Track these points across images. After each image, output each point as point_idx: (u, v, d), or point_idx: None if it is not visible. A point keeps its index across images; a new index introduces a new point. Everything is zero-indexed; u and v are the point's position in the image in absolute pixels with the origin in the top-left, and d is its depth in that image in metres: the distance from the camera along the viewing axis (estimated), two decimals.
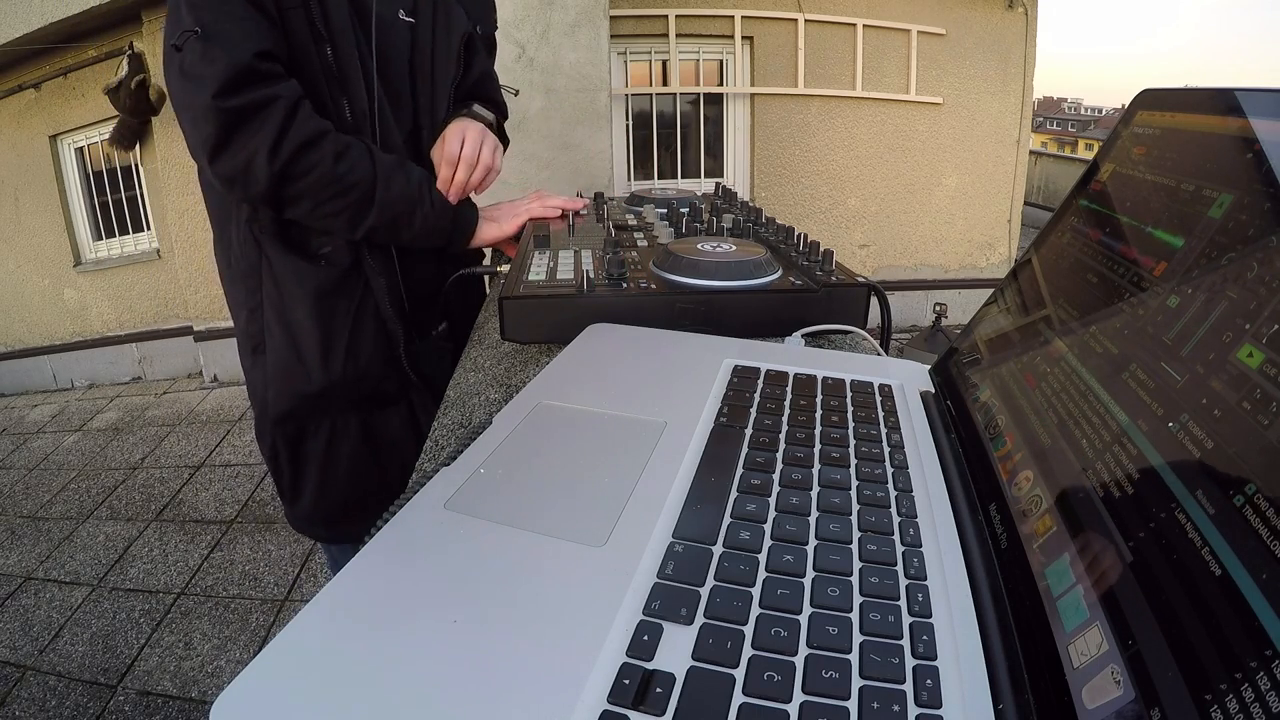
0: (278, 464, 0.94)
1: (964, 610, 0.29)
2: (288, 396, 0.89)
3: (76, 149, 4.23)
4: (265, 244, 0.84)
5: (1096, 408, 0.32)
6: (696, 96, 4.02)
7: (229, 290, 0.90)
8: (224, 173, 0.74)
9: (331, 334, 0.86)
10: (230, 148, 0.72)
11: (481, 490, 0.36)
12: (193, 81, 0.70)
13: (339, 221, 0.80)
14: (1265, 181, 0.28)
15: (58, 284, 4.37)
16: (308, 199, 0.78)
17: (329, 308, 0.85)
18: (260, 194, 0.76)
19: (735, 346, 0.57)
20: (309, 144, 0.75)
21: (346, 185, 0.78)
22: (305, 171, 0.75)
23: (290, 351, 0.87)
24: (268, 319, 0.87)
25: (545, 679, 0.24)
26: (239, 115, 0.71)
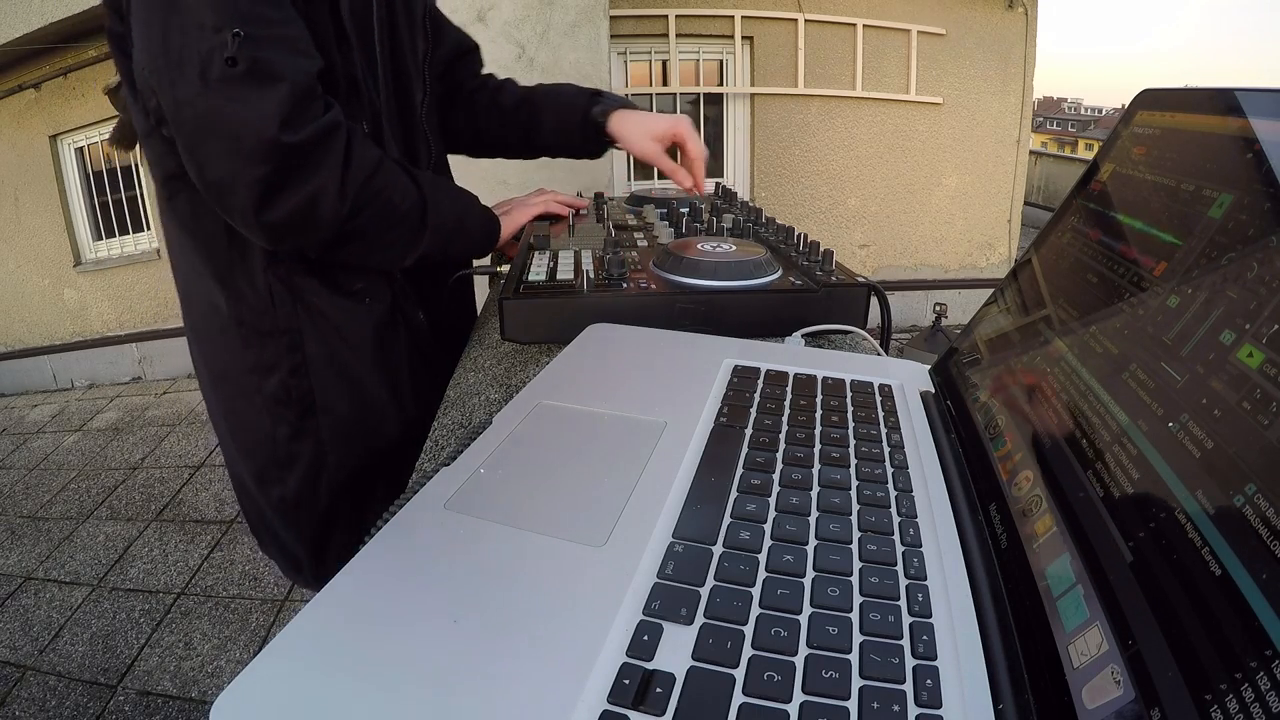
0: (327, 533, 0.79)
1: (964, 610, 0.29)
2: (358, 455, 0.76)
3: (76, 149, 4.23)
4: (303, 289, 0.70)
5: (1096, 408, 0.32)
6: (696, 96, 4.02)
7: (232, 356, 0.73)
8: (278, 220, 0.60)
9: (397, 378, 0.77)
10: (289, 188, 0.59)
11: (481, 490, 0.36)
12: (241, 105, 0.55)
13: (392, 254, 0.70)
14: (1265, 181, 0.28)
15: (58, 284, 4.37)
16: (362, 238, 0.66)
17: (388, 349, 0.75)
18: (319, 241, 0.64)
19: (735, 346, 0.57)
20: (372, 175, 0.64)
21: (401, 214, 0.68)
22: (363, 207, 0.64)
23: (357, 405, 0.75)
24: (318, 376, 0.72)
25: (545, 679, 0.24)
26: (304, 151, 0.58)
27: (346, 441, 0.75)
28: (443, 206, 0.73)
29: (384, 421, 0.76)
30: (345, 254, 0.68)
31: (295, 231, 0.62)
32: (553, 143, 0.98)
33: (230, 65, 0.54)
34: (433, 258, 0.74)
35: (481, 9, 1.95)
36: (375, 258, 0.71)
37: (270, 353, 0.71)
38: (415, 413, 0.79)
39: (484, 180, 0.91)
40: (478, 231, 0.81)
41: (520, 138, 0.99)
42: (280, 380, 0.72)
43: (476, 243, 0.81)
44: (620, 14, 3.53)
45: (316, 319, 0.71)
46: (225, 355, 0.73)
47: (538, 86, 0.99)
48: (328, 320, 0.72)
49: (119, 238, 4.35)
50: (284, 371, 0.72)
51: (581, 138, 0.94)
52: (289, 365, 0.72)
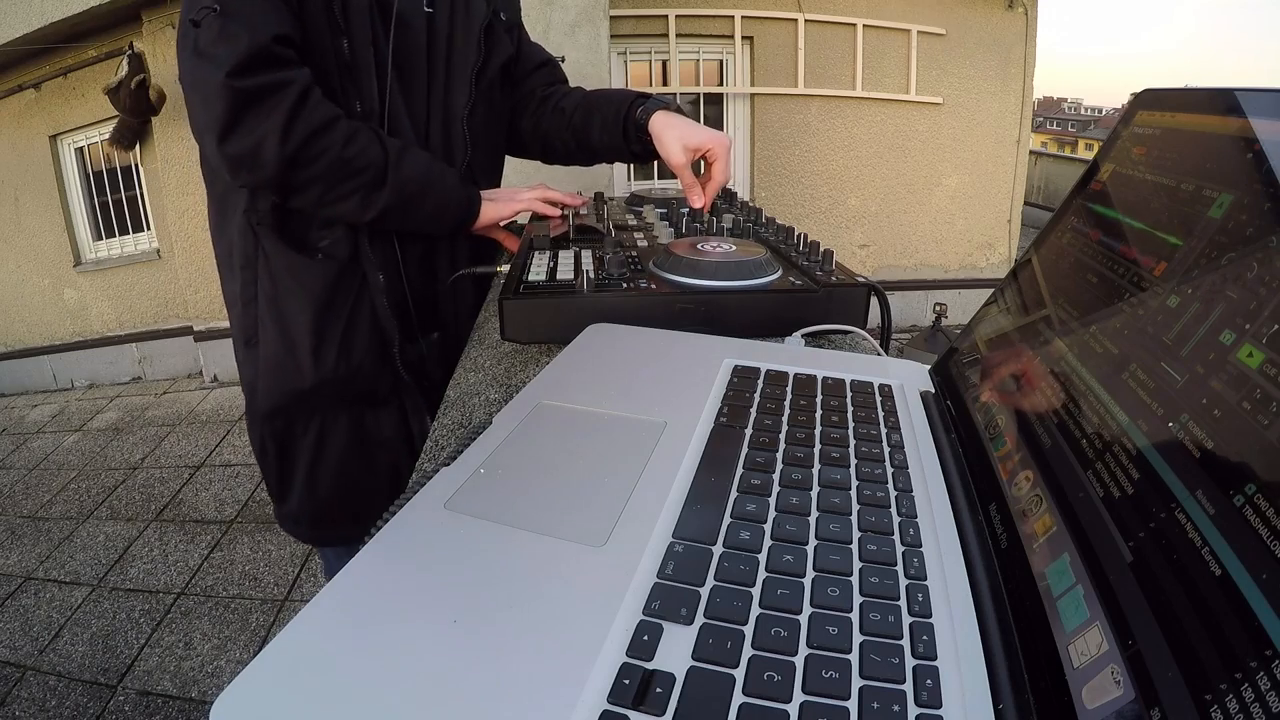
0: (266, 460, 0.93)
1: (964, 610, 0.29)
2: (278, 392, 0.88)
3: (76, 149, 4.23)
4: (262, 236, 0.83)
5: (1096, 408, 0.32)
6: (696, 96, 4.01)
7: (225, 282, 0.89)
8: (232, 153, 0.73)
9: (325, 330, 0.86)
10: (240, 129, 0.71)
11: (481, 490, 0.36)
12: (207, 59, 0.69)
13: (350, 204, 0.79)
14: (1265, 181, 0.28)
15: (58, 284, 4.37)
16: (318, 184, 0.77)
17: (324, 303, 0.85)
18: (268, 178, 0.75)
19: (735, 346, 0.57)
20: (320, 130, 0.74)
21: (357, 168, 0.77)
22: (315, 157, 0.75)
23: (283, 346, 0.86)
24: (262, 312, 0.86)
25: (545, 679, 0.24)
26: (251, 96, 0.70)
27: (270, 374, 0.88)
28: (406, 170, 0.80)
29: (300, 368, 0.86)
30: (303, 200, 0.79)
31: (246, 168, 0.74)
32: (601, 145, 1.00)
33: (194, 26, 0.69)
34: (393, 218, 0.82)
35: None
36: (333, 208, 0.80)
37: (239, 285, 0.86)
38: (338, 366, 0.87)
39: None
40: (449, 201, 0.86)
41: (575, 140, 1.02)
42: (242, 308, 0.87)
43: (448, 213, 0.87)
44: (620, 14, 3.53)
45: (270, 263, 0.84)
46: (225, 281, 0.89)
47: (596, 90, 1.03)
48: (275, 264, 0.83)
49: (119, 238, 4.34)
50: (242, 303, 0.87)
51: (624, 139, 0.96)
52: (244, 298, 0.86)
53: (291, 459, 0.92)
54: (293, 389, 0.87)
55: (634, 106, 0.94)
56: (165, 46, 3.34)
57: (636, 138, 0.95)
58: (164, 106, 3.44)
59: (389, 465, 0.94)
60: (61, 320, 4.43)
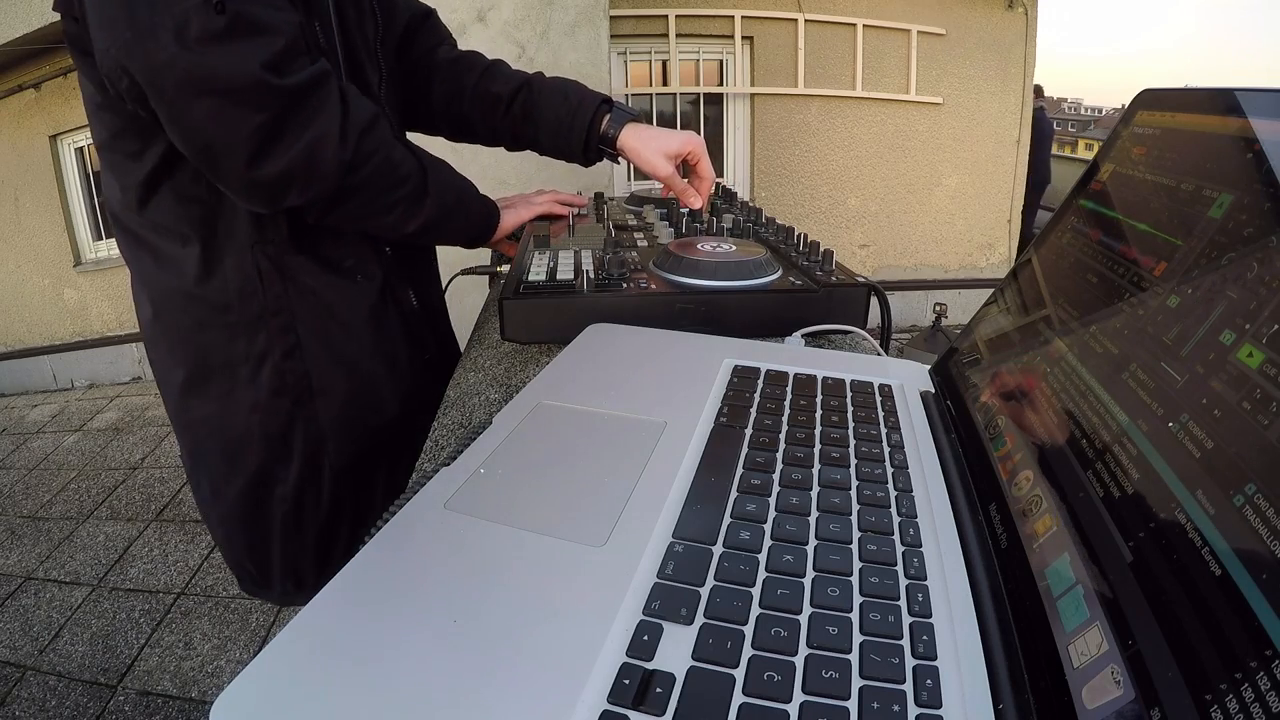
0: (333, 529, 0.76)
1: (964, 610, 0.29)
2: (358, 438, 0.74)
3: (76, 149, 4.23)
4: (292, 267, 0.67)
5: (1096, 408, 0.32)
6: (696, 96, 4.01)
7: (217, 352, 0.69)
8: (278, 171, 0.58)
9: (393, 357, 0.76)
10: (286, 137, 0.57)
11: (481, 490, 0.36)
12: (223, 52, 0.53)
13: (392, 216, 0.68)
14: (1265, 181, 0.28)
15: (58, 284, 4.37)
16: (364, 193, 0.64)
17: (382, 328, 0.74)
18: (325, 192, 0.61)
19: (735, 346, 0.57)
20: (371, 125, 0.63)
21: (403, 174, 0.67)
22: (366, 159, 0.63)
23: (355, 387, 0.73)
24: (312, 358, 0.70)
25: (545, 679, 0.24)
26: (298, 96, 0.57)
27: (345, 425, 0.73)
28: (443, 177, 0.73)
29: (383, 403, 0.75)
30: (346, 213, 0.65)
31: (296, 184, 0.59)
32: (548, 144, 0.90)
33: (219, 12, 0.52)
34: (432, 232, 0.72)
35: (481, 9, 1.95)
36: (378, 219, 0.68)
37: (262, 339, 0.68)
38: (412, 395, 0.78)
39: (483, 178, 0.90)
40: (477, 212, 0.80)
41: (511, 130, 0.91)
42: (274, 366, 0.69)
43: (474, 225, 0.80)
44: (620, 14, 3.53)
45: (308, 298, 0.69)
46: (211, 353, 0.69)
47: (536, 76, 0.91)
48: (319, 299, 0.69)
49: None
50: (277, 357, 0.69)
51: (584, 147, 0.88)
52: (282, 350, 0.69)
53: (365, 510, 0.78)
54: (374, 428, 0.75)
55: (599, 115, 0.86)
56: None
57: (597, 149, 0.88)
58: None
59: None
60: (61, 320, 4.43)
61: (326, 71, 0.60)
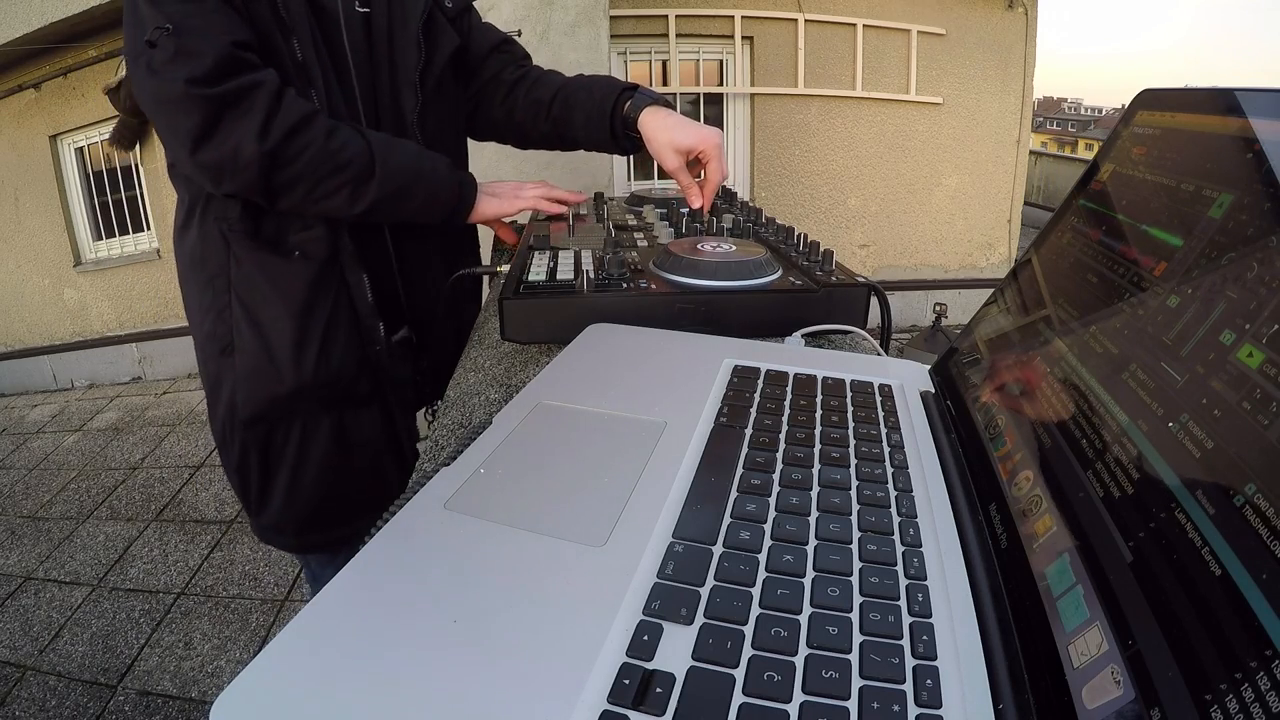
0: (245, 470, 0.90)
1: (964, 610, 0.29)
2: (259, 399, 0.85)
3: (76, 149, 4.23)
4: (233, 242, 0.81)
5: (1096, 408, 0.32)
6: (696, 96, 4.01)
7: (192, 293, 0.86)
8: (209, 161, 0.71)
9: (305, 332, 0.83)
10: (215, 136, 0.70)
11: (481, 490, 0.36)
12: (166, 75, 0.68)
13: (338, 199, 0.77)
14: (1265, 181, 0.28)
15: (58, 284, 4.37)
16: (303, 182, 0.74)
17: (303, 305, 0.82)
18: (250, 181, 0.72)
19: (735, 346, 0.57)
20: (299, 126, 0.72)
21: (343, 161, 0.75)
22: (297, 154, 0.72)
23: (262, 351, 0.83)
24: (237, 319, 0.83)
25: (545, 679, 0.24)
26: (223, 101, 0.69)
27: (250, 382, 0.85)
28: (394, 159, 0.78)
29: (282, 369, 0.84)
30: (290, 200, 0.76)
31: (227, 173, 0.72)
32: (584, 138, 0.97)
33: (152, 47, 0.68)
34: (386, 211, 0.80)
35: (481, 9, 1.95)
36: (322, 205, 0.77)
37: (210, 295, 0.83)
38: (319, 369, 0.85)
39: (482, 178, 0.90)
40: (440, 190, 0.83)
41: (555, 131, 0.99)
42: (215, 317, 0.84)
43: (440, 204, 0.84)
44: (620, 14, 3.53)
45: (243, 266, 0.81)
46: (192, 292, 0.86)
47: (576, 77, 0.99)
48: (249, 269, 0.81)
49: (119, 238, 4.34)
50: (215, 312, 0.83)
51: (611, 133, 0.93)
52: (217, 307, 0.83)
53: (273, 466, 0.89)
54: (273, 394, 0.85)
55: (620, 101, 0.92)
56: None
57: (624, 133, 0.93)
58: None
59: (371, 467, 0.92)
60: (61, 320, 4.43)
61: (258, 82, 0.71)
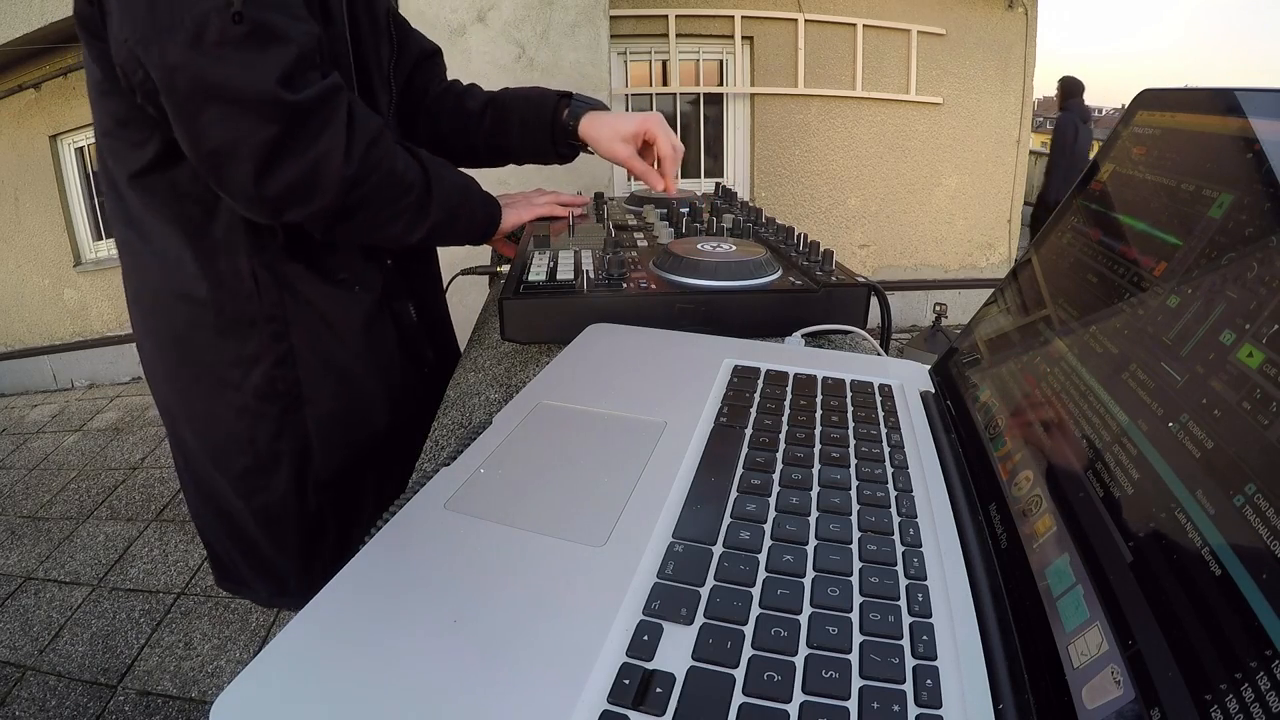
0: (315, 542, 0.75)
1: (964, 610, 0.29)
2: (343, 451, 0.73)
3: (76, 149, 4.23)
4: (288, 275, 0.68)
5: (1096, 408, 0.32)
6: (696, 96, 4.02)
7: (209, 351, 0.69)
8: (283, 184, 0.58)
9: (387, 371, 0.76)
10: (294, 152, 0.57)
11: (481, 490, 0.36)
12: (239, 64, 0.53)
13: (398, 225, 0.67)
14: (1265, 181, 0.28)
15: (58, 284, 4.37)
16: (369, 207, 0.64)
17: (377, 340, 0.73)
18: (325, 207, 0.61)
19: (735, 346, 0.57)
20: (375, 140, 0.62)
21: (407, 183, 0.66)
22: (369, 173, 0.62)
23: (344, 398, 0.72)
24: (305, 367, 0.70)
25: (545, 678, 0.24)
26: (305, 111, 0.57)
27: (333, 437, 0.72)
28: (446, 180, 0.72)
29: (372, 415, 0.74)
30: (351, 226, 0.65)
31: (299, 199, 0.59)
32: (520, 147, 0.93)
33: (236, 22, 0.52)
34: (438, 235, 0.72)
35: (481, 9, 1.95)
36: (383, 231, 0.68)
37: (254, 344, 0.68)
38: (405, 408, 0.77)
39: (481, 180, 0.90)
40: (480, 212, 0.79)
41: (486, 143, 0.93)
42: (264, 372, 0.68)
43: (479, 224, 0.79)
44: (620, 14, 3.53)
45: (303, 307, 0.69)
46: (200, 352, 0.69)
47: (504, 90, 0.94)
48: (314, 309, 0.69)
49: None
50: (268, 363, 0.68)
51: (551, 141, 0.90)
52: (274, 356, 0.68)
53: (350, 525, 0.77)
54: (360, 442, 0.74)
55: (559, 108, 0.88)
56: None
57: (564, 140, 0.90)
58: None
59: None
60: (61, 320, 4.43)
61: (338, 85, 0.59)
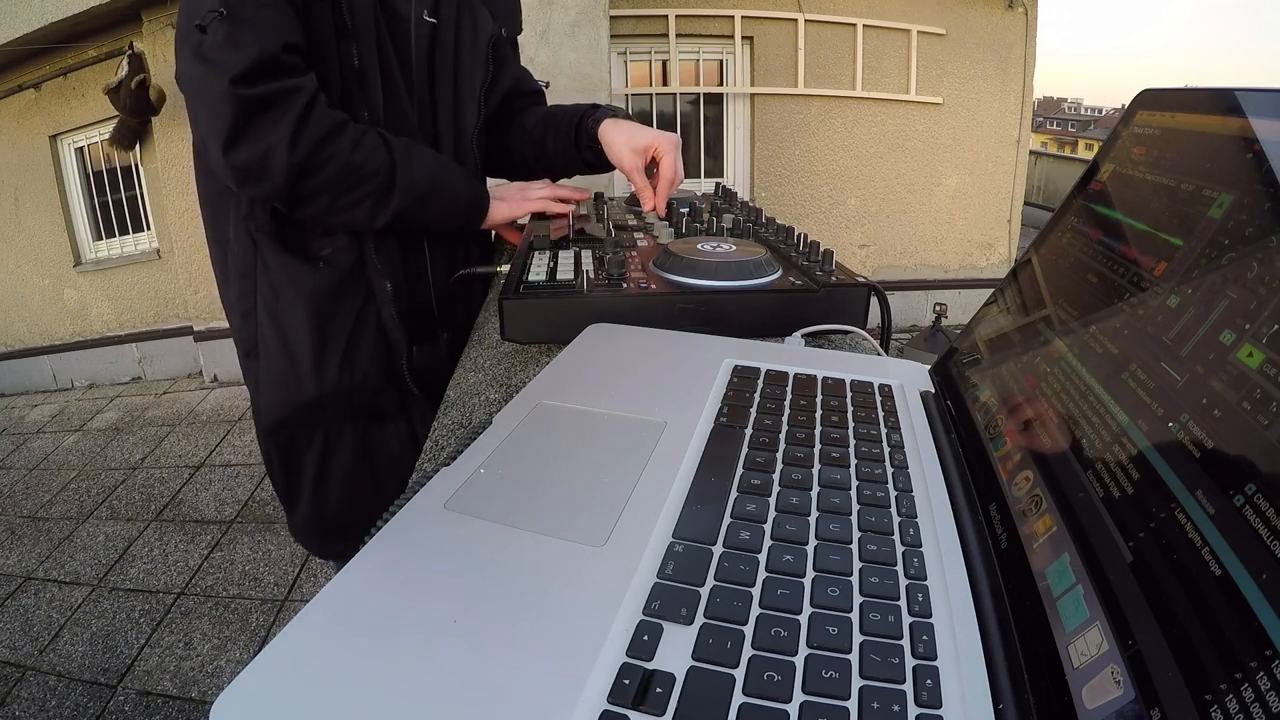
0: (273, 472, 0.91)
1: (964, 610, 0.29)
2: (280, 405, 0.86)
3: (76, 149, 4.23)
4: (261, 243, 0.80)
5: (1096, 408, 0.32)
6: (696, 96, 4.02)
7: (224, 290, 0.87)
8: (239, 163, 0.70)
9: (328, 340, 0.83)
10: (247, 138, 0.69)
11: (481, 490, 0.36)
12: (212, 64, 0.66)
13: (360, 212, 0.77)
14: (1265, 181, 0.28)
15: (58, 284, 4.37)
16: (326, 193, 0.74)
17: (327, 312, 0.82)
18: (275, 189, 0.72)
19: (735, 346, 0.57)
20: (328, 137, 0.72)
21: (366, 173, 0.75)
22: (322, 165, 0.72)
23: (284, 358, 0.83)
24: (261, 323, 0.83)
25: (545, 679, 0.24)
26: (259, 104, 0.68)
27: (272, 387, 0.86)
28: (415, 169, 0.78)
29: (303, 377, 0.84)
30: (311, 210, 0.76)
31: (254, 178, 0.71)
32: (555, 157, 0.99)
33: (200, 32, 0.67)
34: (409, 220, 0.80)
35: None
36: (343, 216, 0.77)
37: (236, 294, 0.84)
38: (341, 379, 0.85)
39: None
40: (459, 200, 0.84)
41: (534, 154, 1.01)
42: (241, 318, 0.85)
43: (457, 211, 0.85)
44: (620, 14, 3.53)
45: (269, 271, 0.81)
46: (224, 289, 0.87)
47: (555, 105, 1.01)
48: (275, 274, 0.81)
49: (119, 238, 4.34)
50: (241, 313, 0.84)
51: (578, 150, 0.95)
52: (243, 308, 0.84)
53: (297, 473, 0.90)
54: (295, 402, 0.85)
55: (586, 116, 0.94)
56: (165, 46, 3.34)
57: (589, 146, 0.94)
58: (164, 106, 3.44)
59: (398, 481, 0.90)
60: (61, 320, 4.43)
61: (297, 88, 0.70)
